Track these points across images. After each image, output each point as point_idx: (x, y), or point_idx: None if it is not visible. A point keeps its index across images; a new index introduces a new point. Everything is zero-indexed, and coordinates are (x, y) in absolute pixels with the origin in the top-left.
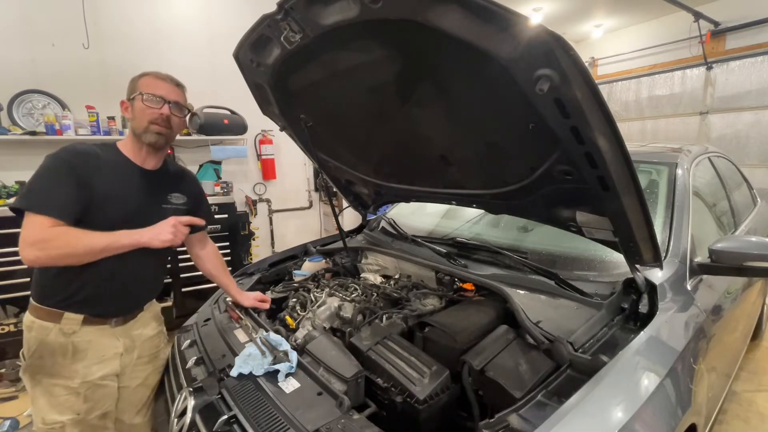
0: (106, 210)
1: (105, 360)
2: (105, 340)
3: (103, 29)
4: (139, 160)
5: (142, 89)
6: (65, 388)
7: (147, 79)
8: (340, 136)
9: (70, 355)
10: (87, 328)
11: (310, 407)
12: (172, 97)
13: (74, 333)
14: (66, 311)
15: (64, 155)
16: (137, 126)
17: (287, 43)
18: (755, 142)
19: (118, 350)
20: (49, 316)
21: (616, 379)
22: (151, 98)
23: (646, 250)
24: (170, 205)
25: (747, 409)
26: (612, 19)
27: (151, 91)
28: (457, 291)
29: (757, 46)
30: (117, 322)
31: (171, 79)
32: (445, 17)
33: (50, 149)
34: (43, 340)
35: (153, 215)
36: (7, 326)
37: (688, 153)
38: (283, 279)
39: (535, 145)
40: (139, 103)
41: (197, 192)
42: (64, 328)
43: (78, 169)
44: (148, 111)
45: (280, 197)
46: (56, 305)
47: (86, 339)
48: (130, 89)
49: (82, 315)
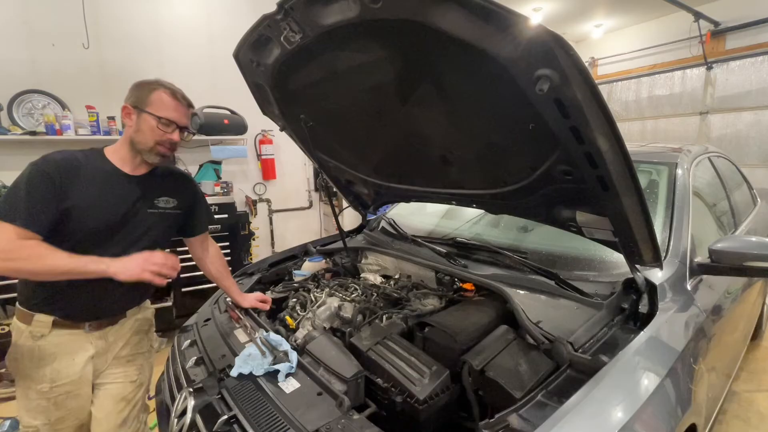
0: (89, 218)
1: (74, 363)
2: (75, 343)
3: (103, 29)
4: (128, 169)
5: (155, 108)
6: (36, 392)
7: (161, 95)
8: (340, 136)
9: (36, 359)
10: (57, 331)
11: (310, 407)
12: (184, 121)
13: (42, 336)
14: (37, 313)
15: (41, 165)
16: (141, 142)
17: (287, 43)
18: (755, 142)
19: (88, 353)
20: (23, 318)
21: (616, 379)
22: (166, 123)
23: (646, 250)
24: (157, 210)
25: (747, 409)
26: (612, 19)
27: (166, 115)
28: (457, 291)
29: (757, 46)
30: (91, 326)
31: (184, 98)
32: (445, 17)
33: (50, 149)
34: (16, 343)
35: (139, 221)
36: (6, 326)
37: (688, 153)
38: (283, 279)
39: (535, 145)
40: (150, 122)
41: (190, 194)
42: (34, 330)
43: (55, 179)
44: (159, 133)
45: (280, 197)
46: (29, 307)
47: (54, 342)
48: (139, 98)
49: (52, 317)
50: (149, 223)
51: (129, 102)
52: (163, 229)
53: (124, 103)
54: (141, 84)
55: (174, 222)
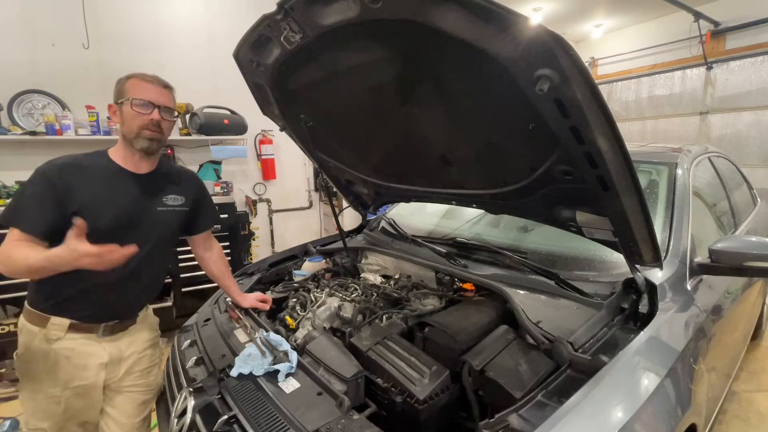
0: (99, 218)
1: (88, 369)
2: (89, 348)
3: (103, 29)
4: (131, 166)
5: (130, 94)
6: (46, 395)
7: (134, 81)
8: (340, 136)
9: (51, 363)
10: (72, 335)
11: (310, 407)
12: (161, 100)
13: (58, 340)
14: (53, 316)
15: (45, 170)
16: (128, 131)
17: (287, 43)
18: (755, 142)
19: (102, 359)
20: (37, 320)
21: (616, 379)
22: (140, 103)
23: (646, 250)
24: (166, 208)
25: (747, 409)
26: (612, 19)
27: (139, 96)
28: (457, 291)
29: (757, 46)
30: (105, 331)
31: (158, 80)
32: (445, 17)
33: (50, 149)
34: (28, 345)
35: (149, 219)
36: (7, 326)
37: (688, 153)
38: (283, 279)
39: (535, 145)
40: (127, 109)
41: (196, 191)
42: (49, 333)
43: (56, 183)
44: (138, 117)
45: (280, 197)
46: (45, 309)
47: (69, 347)
48: (117, 92)
49: (69, 320)
50: (158, 221)
51: (113, 101)
52: (172, 227)
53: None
54: (117, 81)
55: (182, 219)
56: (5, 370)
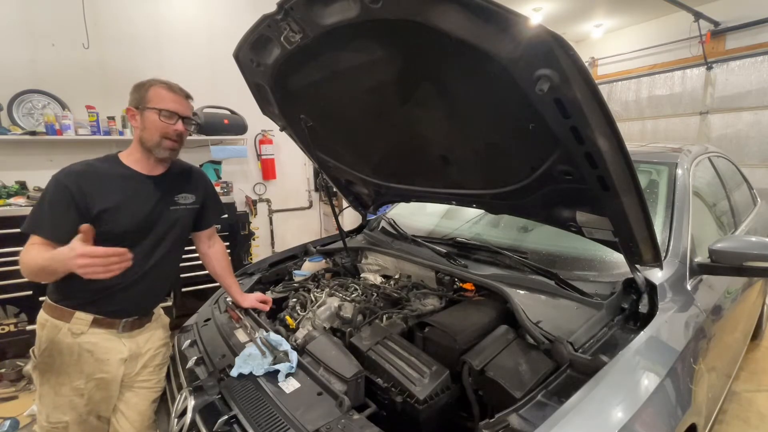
0: (119, 220)
1: (109, 363)
2: (110, 343)
3: (103, 29)
4: (145, 169)
5: (155, 103)
6: (71, 388)
7: (158, 90)
8: (340, 136)
9: (76, 356)
10: (95, 330)
11: (310, 407)
12: (185, 112)
13: (82, 334)
14: (77, 311)
15: (60, 178)
16: (148, 139)
17: (287, 43)
18: (755, 142)
19: (122, 354)
20: (61, 315)
21: (616, 379)
22: (167, 114)
23: (646, 250)
24: (178, 206)
25: (747, 409)
26: (612, 19)
27: (166, 107)
28: (457, 291)
29: (757, 46)
30: (125, 327)
31: (181, 90)
32: (445, 17)
33: (50, 149)
34: (53, 339)
35: (164, 220)
36: (7, 326)
37: (688, 153)
38: (283, 279)
39: (535, 145)
40: (152, 117)
41: (204, 187)
42: (73, 328)
43: (73, 190)
44: (162, 126)
45: (280, 197)
46: (70, 305)
47: (92, 341)
48: (138, 98)
49: (92, 315)
50: (172, 220)
51: (131, 104)
52: (185, 225)
53: (128, 106)
54: (138, 85)
55: (193, 217)
56: (5, 370)
